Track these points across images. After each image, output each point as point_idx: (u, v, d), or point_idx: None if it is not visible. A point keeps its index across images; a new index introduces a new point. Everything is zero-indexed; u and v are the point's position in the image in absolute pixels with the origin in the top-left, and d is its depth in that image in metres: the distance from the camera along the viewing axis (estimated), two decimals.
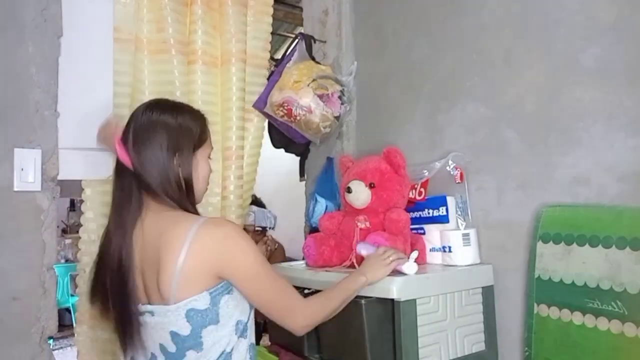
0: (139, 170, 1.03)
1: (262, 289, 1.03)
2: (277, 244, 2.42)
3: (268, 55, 1.87)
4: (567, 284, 1.15)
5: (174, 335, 1.00)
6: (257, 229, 2.18)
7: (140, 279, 1.03)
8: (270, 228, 2.22)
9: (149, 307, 1.02)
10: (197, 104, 1.64)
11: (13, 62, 1.37)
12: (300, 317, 1.05)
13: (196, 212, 1.08)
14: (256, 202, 2.26)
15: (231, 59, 1.73)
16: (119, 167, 1.07)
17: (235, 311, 1.03)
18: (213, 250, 0.99)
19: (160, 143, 1.04)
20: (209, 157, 1.14)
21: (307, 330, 1.07)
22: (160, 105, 1.10)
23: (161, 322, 1.00)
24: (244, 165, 1.77)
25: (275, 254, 2.44)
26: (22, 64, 1.38)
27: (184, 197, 1.07)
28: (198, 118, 1.13)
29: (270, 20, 1.87)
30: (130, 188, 1.05)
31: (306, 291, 1.37)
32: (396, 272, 1.20)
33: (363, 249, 1.26)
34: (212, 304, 1.00)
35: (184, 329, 0.99)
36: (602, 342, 1.07)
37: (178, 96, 1.64)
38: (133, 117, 1.08)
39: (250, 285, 1.02)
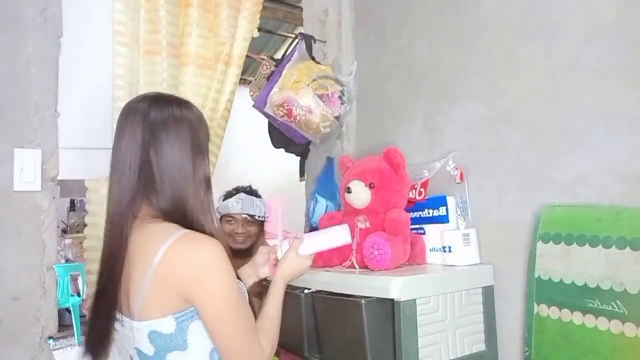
0: (155, 174, 0.95)
1: (226, 330, 0.93)
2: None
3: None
4: (567, 284, 1.15)
5: (139, 352, 0.94)
6: (244, 216, 1.99)
7: (123, 287, 0.97)
8: (259, 217, 2.02)
9: (119, 316, 0.97)
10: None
11: (13, 62, 1.37)
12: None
13: (211, 214, 1.01)
14: (251, 192, 2.10)
15: (228, 61, 1.74)
16: (115, 165, 0.99)
17: (208, 339, 0.94)
18: (183, 270, 0.90)
19: (185, 139, 0.97)
20: None
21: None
22: (172, 100, 1.02)
23: (127, 336, 0.95)
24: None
25: None
26: (22, 64, 1.38)
27: (206, 202, 1.00)
28: (202, 113, 1.09)
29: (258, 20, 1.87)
30: (133, 189, 0.97)
31: (306, 291, 1.37)
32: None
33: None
34: (178, 330, 0.92)
35: (148, 349, 0.92)
36: (602, 342, 1.07)
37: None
38: (141, 113, 0.98)
39: (215, 321, 0.93)
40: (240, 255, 1.92)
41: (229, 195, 2.08)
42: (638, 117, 1.08)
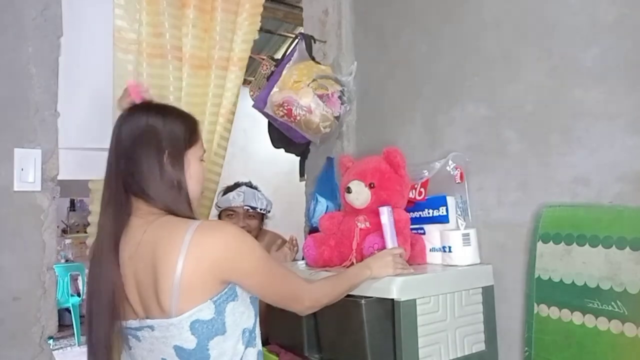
0: (129, 173, 1.00)
1: (268, 282, 1.01)
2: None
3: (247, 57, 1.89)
4: (567, 284, 1.15)
5: (179, 349, 0.95)
6: (246, 209, 1.93)
7: (136, 292, 0.98)
8: (261, 210, 1.96)
9: (148, 322, 0.96)
10: (183, 106, 1.67)
11: (13, 62, 1.38)
12: (307, 301, 1.07)
13: (191, 215, 1.04)
14: (251, 186, 2.06)
15: (227, 65, 1.75)
16: (110, 169, 1.03)
17: (241, 319, 0.99)
18: (216, 254, 0.94)
19: (151, 144, 1.01)
20: (201, 159, 1.11)
21: (311, 312, 1.11)
22: (147, 108, 1.07)
23: (163, 337, 0.95)
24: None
25: None
26: (22, 64, 1.38)
27: (178, 199, 1.02)
28: (187, 119, 1.10)
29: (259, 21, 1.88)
30: (119, 190, 1.01)
31: None
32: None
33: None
34: (217, 313, 0.95)
35: (189, 343, 0.94)
36: (602, 342, 1.07)
37: (171, 101, 1.65)
38: (117, 123, 1.05)
39: (257, 280, 1.00)
40: None
41: (228, 189, 2.04)
42: (638, 117, 1.09)
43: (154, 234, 0.97)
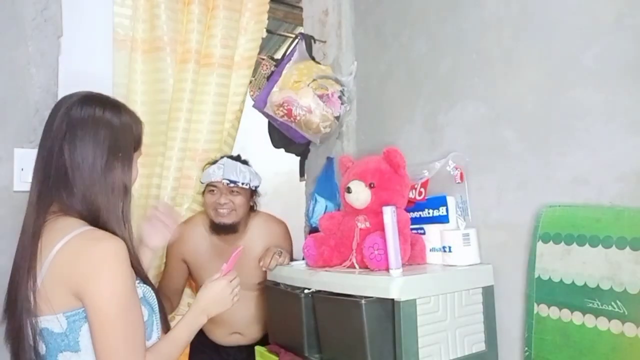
0: (67, 169, 0.94)
1: (108, 336, 0.88)
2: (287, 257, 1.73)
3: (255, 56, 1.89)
4: (567, 284, 1.15)
5: (35, 351, 0.91)
6: (226, 183, 1.67)
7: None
8: (243, 184, 1.69)
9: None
10: (185, 103, 1.68)
11: (13, 62, 1.38)
12: None
13: (125, 222, 0.99)
14: (237, 159, 1.79)
15: (233, 62, 1.75)
16: (38, 163, 0.97)
17: None
18: (76, 264, 0.87)
19: (102, 141, 0.96)
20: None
21: None
22: (100, 101, 1.01)
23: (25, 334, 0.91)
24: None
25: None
26: (22, 64, 1.38)
27: (117, 207, 0.97)
28: (139, 120, 1.07)
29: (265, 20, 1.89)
30: (46, 182, 0.95)
31: (306, 291, 1.37)
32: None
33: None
34: (69, 330, 0.88)
35: (40, 347, 0.90)
36: (602, 342, 1.07)
37: (171, 94, 1.66)
38: (65, 107, 0.98)
39: (98, 323, 0.88)
40: (225, 232, 1.69)
41: (212, 163, 1.78)
42: (638, 117, 1.08)
43: (44, 234, 0.92)
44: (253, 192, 1.77)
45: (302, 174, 2.19)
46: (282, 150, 2.07)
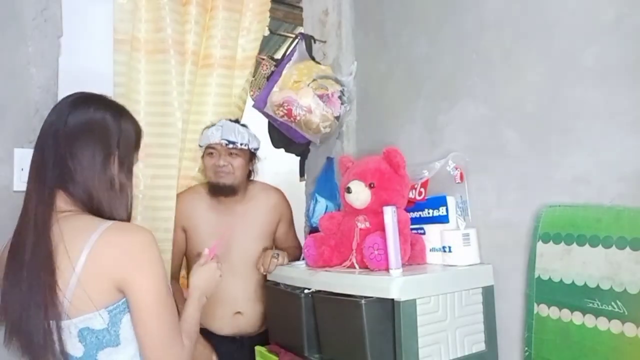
0: (68, 170, 0.94)
1: (152, 322, 0.91)
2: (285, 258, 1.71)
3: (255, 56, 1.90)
4: (567, 284, 1.15)
5: (66, 357, 0.89)
6: (225, 144, 1.65)
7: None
8: (242, 145, 1.67)
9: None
10: (184, 104, 1.68)
11: (13, 62, 1.38)
12: (172, 356, 0.95)
13: (125, 218, 0.99)
14: (236, 122, 1.76)
15: (235, 62, 1.76)
16: (37, 161, 0.97)
17: None
18: (116, 258, 0.88)
19: (102, 142, 0.97)
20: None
21: None
22: (98, 102, 1.02)
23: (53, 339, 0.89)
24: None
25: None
26: (22, 64, 1.38)
27: (116, 200, 0.98)
28: (137, 123, 1.08)
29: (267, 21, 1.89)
30: (46, 185, 0.95)
31: (306, 291, 1.37)
32: None
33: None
34: (110, 324, 0.89)
35: (76, 351, 0.89)
36: (602, 342, 1.07)
37: (175, 96, 1.66)
38: (63, 109, 0.98)
39: (142, 311, 0.90)
40: (224, 194, 1.69)
41: (210, 126, 1.75)
42: (638, 117, 1.08)
43: (63, 229, 0.91)
44: (252, 155, 1.77)
45: (302, 174, 2.19)
46: (282, 150, 2.07)
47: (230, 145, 1.66)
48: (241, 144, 1.67)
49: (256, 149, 1.76)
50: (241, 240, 1.69)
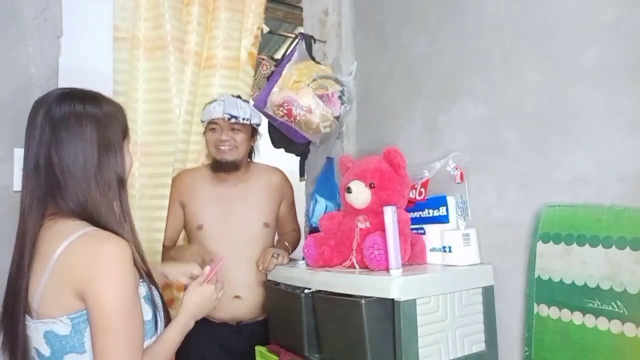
0: (58, 174, 0.92)
1: (107, 338, 0.87)
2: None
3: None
4: (567, 283, 1.15)
5: (38, 352, 0.91)
6: (227, 119, 1.64)
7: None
8: (244, 120, 1.66)
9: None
10: (184, 105, 1.68)
11: (13, 62, 1.38)
12: None
13: (126, 216, 0.98)
14: (238, 97, 1.75)
15: (238, 63, 1.76)
16: (29, 169, 0.95)
17: None
18: (79, 266, 0.86)
19: (88, 138, 0.93)
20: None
21: None
22: (79, 96, 0.97)
23: (28, 335, 0.91)
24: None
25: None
26: (22, 64, 1.38)
27: (115, 199, 0.96)
28: (120, 107, 1.03)
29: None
30: (39, 188, 0.93)
31: (306, 291, 1.37)
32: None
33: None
34: (74, 332, 0.88)
35: (44, 350, 0.89)
36: (602, 342, 1.07)
37: (174, 93, 1.66)
38: (44, 109, 0.93)
39: (98, 325, 0.87)
40: (226, 169, 1.68)
41: (212, 102, 1.74)
42: (638, 117, 1.08)
43: (42, 237, 0.91)
44: (254, 131, 1.75)
45: (302, 174, 2.19)
46: (282, 150, 2.07)
47: (233, 120, 1.64)
48: (243, 119, 1.66)
49: (258, 125, 1.75)
50: (242, 214, 1.66)
